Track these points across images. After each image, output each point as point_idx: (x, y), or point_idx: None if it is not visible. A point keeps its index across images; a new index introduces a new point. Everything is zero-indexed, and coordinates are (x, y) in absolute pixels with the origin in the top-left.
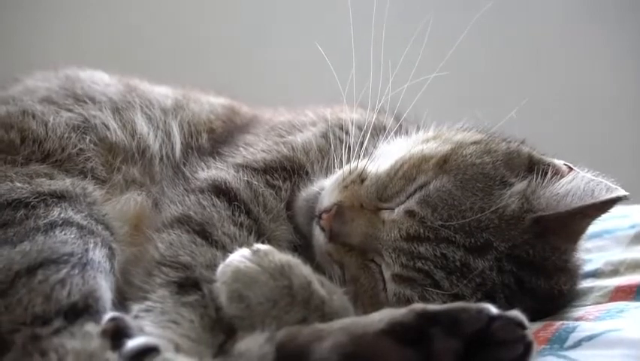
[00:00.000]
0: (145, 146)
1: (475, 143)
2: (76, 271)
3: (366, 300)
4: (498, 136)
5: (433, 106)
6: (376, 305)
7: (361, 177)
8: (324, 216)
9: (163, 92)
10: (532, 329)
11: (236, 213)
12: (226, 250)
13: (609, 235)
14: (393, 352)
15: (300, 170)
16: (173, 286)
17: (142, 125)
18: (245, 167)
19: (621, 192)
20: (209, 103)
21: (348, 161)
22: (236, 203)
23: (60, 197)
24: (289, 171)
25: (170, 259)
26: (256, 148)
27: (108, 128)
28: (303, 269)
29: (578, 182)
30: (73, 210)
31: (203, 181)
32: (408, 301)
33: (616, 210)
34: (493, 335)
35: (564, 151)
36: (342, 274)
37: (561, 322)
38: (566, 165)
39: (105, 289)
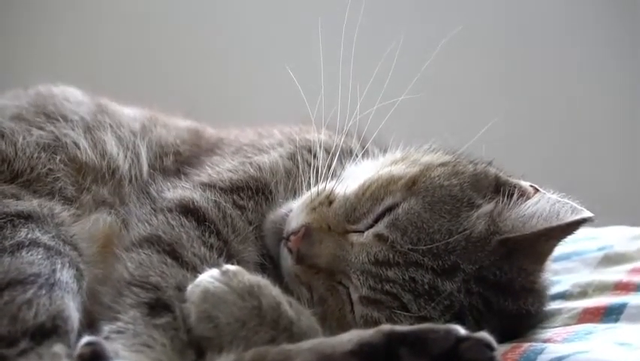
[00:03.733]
0: (115, 166)
1: (442, 165)
2: (44, 292)
3: (334, 322)
4: (465, 157)
5: (401, 127)
6: (344, 327)
7: (329, 199)
8: (292, 238)
9: (132, 115)
10: (501, 350)
11: (206, 234)
12: (196, 271)
13: (578, 256)
14: None
15: (266, 190)
16: (144, 307)
17: (112, 146)
18: (211, 186)
19: (586, 213)
20: (176, 127)
21: (316, 183)
22: (205, 223)
23: (27, 217)
24: (255, 191)
25: (140, 279)
26: (222, 167)
27: (79, 148)
28: (272, 290)
29: (543, 203)
30: (40, 230)
31: (170, 201)
32: (375, 323)
33: (584, 232)
34: (461, 356)
35: (531, 172)
36: (310, 295)
37: (529, 343)
38: (532, 186)
39: (73, 309)
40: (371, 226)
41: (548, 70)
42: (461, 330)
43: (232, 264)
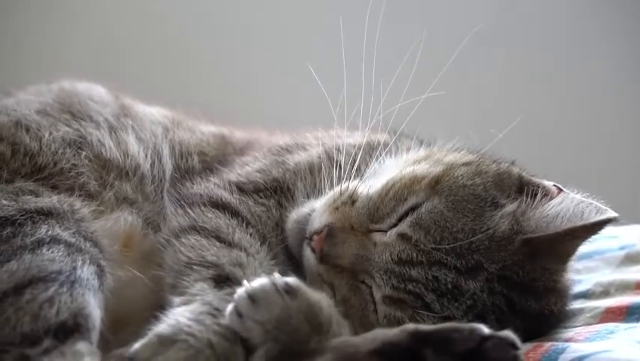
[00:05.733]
0: (136, 164)
1: (466, 164)
2: (65, 290)
3: (357, 321)
4: (489, 157)
5: (424, 125)
6: (367, 327)
7: (352, 199)
8: (315, 237)
9: (155, 116)
10: (522, 350)
11: (243, 225)
12: (248, 252)
13: (599, 255)
14: None
15: (291, 191)
16: (210, 281)
17: (133, 145)
18: (239, 185)
19: (611, 213)
20: (201, 132)
21: (340, 182)
22: (239, 216)
23: (47, 214)
24: (281, 192)
25: (198, 259)
26: (252, 167)
27: (104, 145)
28: (328, 305)
29: (567, 203)
30: (60, 227)
31: (201, 196)
32: (399, 323)
33: (605, 231)
34: (485, 355)
35: (550, 170)
36: (333, 295)
37: (551, 343)
38: (555, 186)
39: (94, 307)
40: (394, 226)
41: (577, 65)
42: (485, 329)
43: (270, 251)
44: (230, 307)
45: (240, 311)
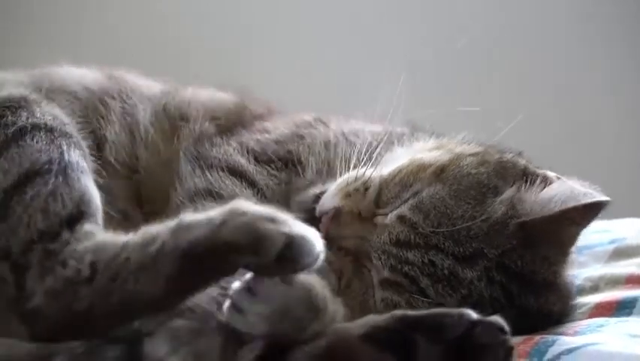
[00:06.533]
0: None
1: (473, 155)
2: (61, 179)
3: (357, 307)
4: (496, 148)
5: (434, 118)
6: (366, 312)
7: (365, 186)
8: (323, 219)
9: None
10: (513, 342)
11: (258, 195)
12: None
13: (588, 250)
14: (372, 356)
15: (302, 165)
16: None
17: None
18: (256, 154)
19: (604, 197)
20: (210, 94)
21: (354, 166)
22: (255, 187)
23: (23, 100)
24: (292, 165)
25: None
26: (271, 136)
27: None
28: (321, 286)
29: (562, 189)
30: (40, 111)
31: (219, 160)
32: (395, 307)
33: (596, 225)
34: (474, 341)
35: (541, 161)
36: (338, 282)
37: (540, 336)
38: (557, 176)
39: (92, 188)
40: (396, 209)
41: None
42: (473, 314)
43: None
44: (227, 303)
45: (239, 307)
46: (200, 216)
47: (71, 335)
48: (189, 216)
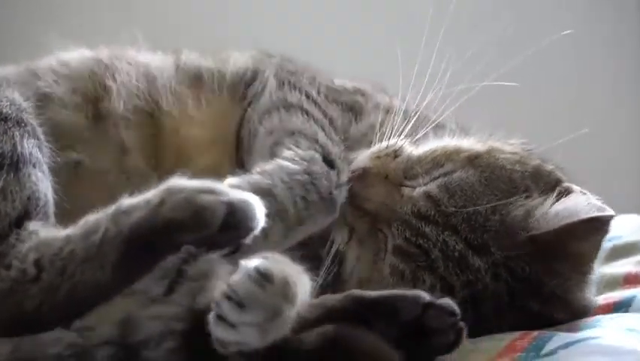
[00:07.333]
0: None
1: (512, 153)
2: (12, 176)
3: (364, 265)
4: (538, 155)
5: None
6: (372, 273)
7: (396, 153)
8: (351, 176)
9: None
10: (509, 338)
11: (330, 125)
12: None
13: None
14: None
15: (362, 116)
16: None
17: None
18: (326, 92)
19: (608, 211)
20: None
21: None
22: (327, 117)
23: None
24: (355, 112)
25: (310, 132)
26: (338, 83)
27: None
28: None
29: (569, 203)
30: None
31: (295, 85)
32: (400, 274)
33: None
34: (425, 323)
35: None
36: (349, 238)
37: (538, 332)
38: (581, 191)
39: (42, 182)
40: (424, 185)
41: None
42: (427, 296)
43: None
44: (212, 318)
45: (228, 320)
46: (137, 200)
47: (22, 330)
48: (127, 201)
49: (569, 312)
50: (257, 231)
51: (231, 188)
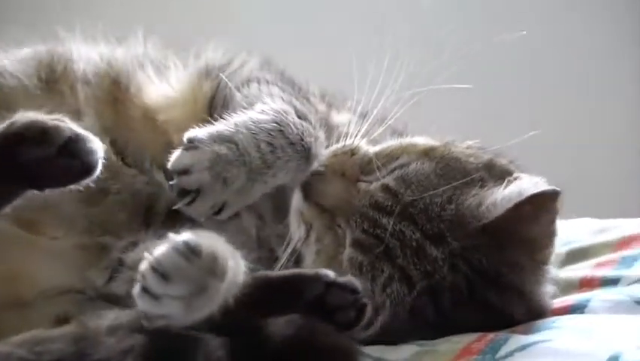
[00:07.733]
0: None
1: (466, 147)
2: None
3: (325, 261)
4: (491, 152)
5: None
6: (335, 266)
7: (352, 152)
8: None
9: None
10: (466, 341)
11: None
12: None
13: None
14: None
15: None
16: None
17: None
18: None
19: (549, 187)
20: None
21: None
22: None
23: None
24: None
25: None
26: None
27: None
28: (222, 245)
29: (515, 186)
30: None
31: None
32: (359, 267)
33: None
34: (328, 301)
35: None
36: (307, 235)
37: (494, 334)
38: (530, 177)
39: None
40: (381, 178)
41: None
42: (330, 274)
43: None
44: (137, 289)
45: (153, 292)
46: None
47: None
48: None
49: (527, 308)
50: (95, 171)
51: (189, 137)
